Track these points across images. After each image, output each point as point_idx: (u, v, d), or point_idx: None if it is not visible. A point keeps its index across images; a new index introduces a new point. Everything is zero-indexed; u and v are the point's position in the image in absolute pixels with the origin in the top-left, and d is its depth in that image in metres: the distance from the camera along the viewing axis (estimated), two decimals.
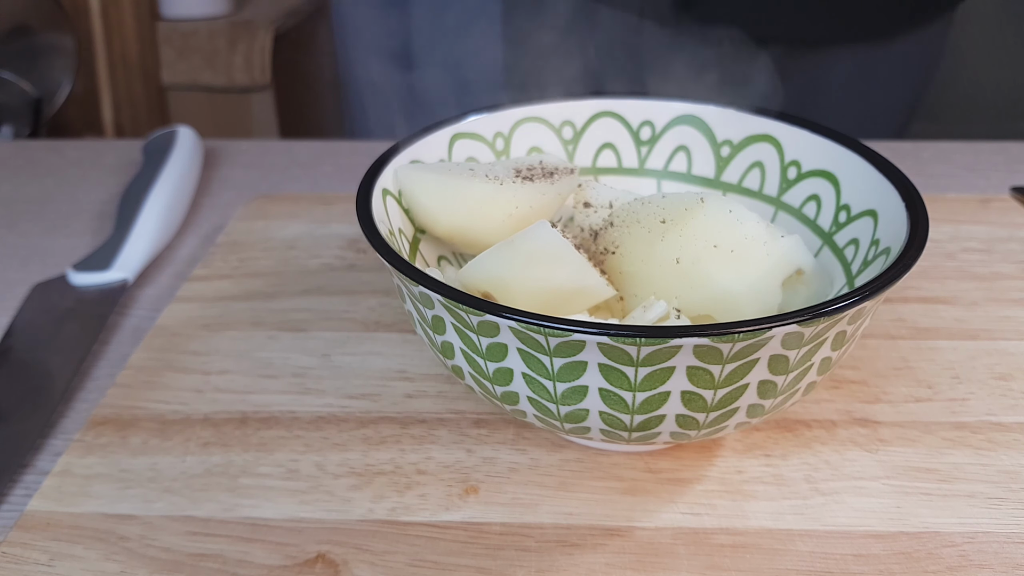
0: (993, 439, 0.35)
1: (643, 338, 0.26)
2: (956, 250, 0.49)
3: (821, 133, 0.38)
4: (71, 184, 0.61)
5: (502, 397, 0.31)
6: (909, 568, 0.30)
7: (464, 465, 0.34)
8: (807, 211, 0.39)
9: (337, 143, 0.67)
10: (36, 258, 0.52)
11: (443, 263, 0.39)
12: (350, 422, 0.37)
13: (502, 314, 0.27)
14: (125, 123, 1.29)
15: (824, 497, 0.33)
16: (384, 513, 0.32)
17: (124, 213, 0.51)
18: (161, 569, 0.30)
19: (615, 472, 0.34)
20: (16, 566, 0.30)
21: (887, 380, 0.39)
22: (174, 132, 0.59)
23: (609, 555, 0.30)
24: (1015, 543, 0.31)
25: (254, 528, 0.32)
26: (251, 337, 0.42)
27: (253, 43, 1.32)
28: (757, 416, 0.30)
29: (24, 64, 1.04)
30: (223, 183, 0.61)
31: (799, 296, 0.35)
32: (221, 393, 0.38)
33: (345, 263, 0.48)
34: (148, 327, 0.44)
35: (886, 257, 0.32)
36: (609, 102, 0.43)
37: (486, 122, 0.41)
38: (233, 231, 0.52)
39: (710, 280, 0.33)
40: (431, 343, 0.32)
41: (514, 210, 0.36)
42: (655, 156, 0.43)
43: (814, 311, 0.27)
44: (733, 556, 0.30)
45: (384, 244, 0.31)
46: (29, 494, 0.34)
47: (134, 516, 0.32)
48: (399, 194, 0.37)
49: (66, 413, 0.39)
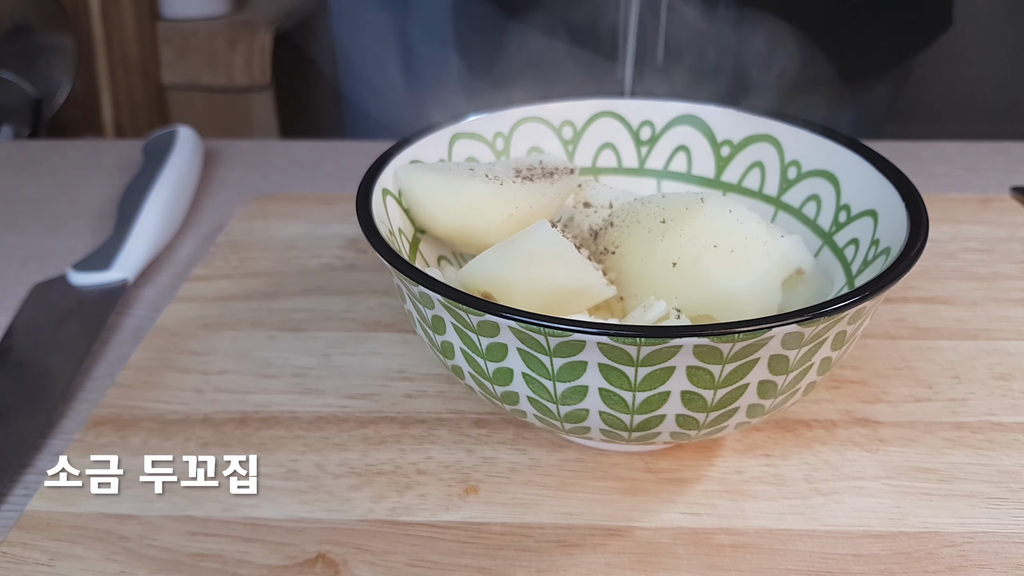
0: (993, 439, 0.35)
1: (643, 338, 0.26)
2: (956, 250, 0.49)
3: (821, 133, 0.38)
4: (71, 184, 0.61)
5: (502, 397, 0.31)
6: (909, 568, 0.30)
7: (464, 465, 0.34)
8: (807, 211, 0.39)
9: (337, 143, 0.67)
10: (36, 258, 0.52)
11: (443, 263, 0.39)
12: (350, 422, 0.37)
13: (502, 314, 0.27)
14: (125, 123, 1.29)
15: (824, 497, 0.33)
16: (384, 513, 0.32)
17: (124, 213, 0.51)
18: (161, 569, 0.30)
19: (615, 472, 0.34)
20: (16, 566, 0.30)
21: (887, 380, 0.39)
22: (174, 132, 0.59)
23: (609, 555, 0.30)
24: (1015, 543, 0.31)
25: (254, 528, 0.32)
26: (251, 337, 0.42)
27: (253, 43, 1.32)
28: (757, 416, 0.30)
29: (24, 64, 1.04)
30: (223, 183, 0.61)
31: (799, 296, 0.35)
32: (221, 393, 0.38)
33: (345, 263, 0.48)
34: (148, 327, 0.44)
35: (886, 257, 0.32)
36: (609, 102, 0.43)
37: (486, 122, 0.41)
38: (233, 231, 0.52)
39: (710, 280, 0.33)
40: (431, 343, 0.32)
41: (514, 210, 0.36)
42: (655, 156, 0.43)
43: (814, 311, 0.27)
44: (733, 556, 0.30)
45: (384, 244, 0.31)
46: (29, 494, 0.34)
47: (134, 516, 0.32)
48: (399, 194, 0.37)
49: (66, 413, 0.39)
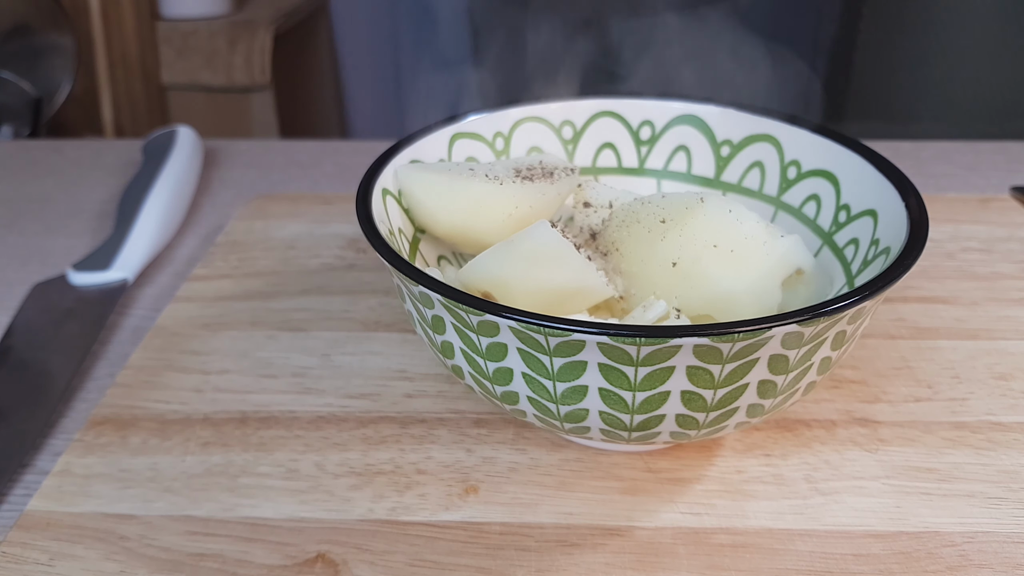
0: (993, 439, 0.35)
1: (643, 338, 0.26)
2: (956, 250, 0.49)
3: (821, 133, 0.38)
4: (71, 184, 0.61)
5: (502, 397, 0.31)
6: (909, 568, 0.30)
7: (464, 465, 0.34)
8: (807, 211, 0.39)
9: (337, 143, 0.67)
10: (36, 258, 0.52)
11: (443, 263, 0.39)
12: (350, 422, 0.37)
13: (502, 314, 0.27)
14: (125, 123, 1.29)
15: (824, 497, 0.33)
16: (384, 513, 0.32)
17: (124, 213, 0.51)
18: (161, 569, 0.30)
19: (615, 472, 0.34)
20: (16, 566, 0.30)
21: (887, 380, 0.39)
22: (174, 132, 0.59)
23: (609, 555, 0.30)
24: (1015, 543, 0.31)
25: (254, 528, 0.32)
26: (251, 337, 0.42)
27: (253, 43, 1.32)
28: (757, 416, 0.30)
29: (24, 64, 1.04)
30: (223, 183, 0.61)
31: (799, 296, 0.35)
32: (221, 393, 0.38)
33: (345, 263, 0.48)
34: (148, 327, 0.44)
35: (886, 257, 0.32)
36: (609, 102, 0.43)
37: (486, 122, 0.41)
38: (233, 231, 0.52)
39: (710, 280, 0.33)
40: (431, 343, 0.32)
41: (514, 210, 0.36)
42: (655, 156, 0.43)
43: (814, 311, 0.27)
44: (733, 556, 0.30)
45: (384, 244, 0.31)
46: (29, 494, 0.34)
47: (134, 516, 0.32)
48: (399, 194, 0.37)
49: (66, 413, 0.39)
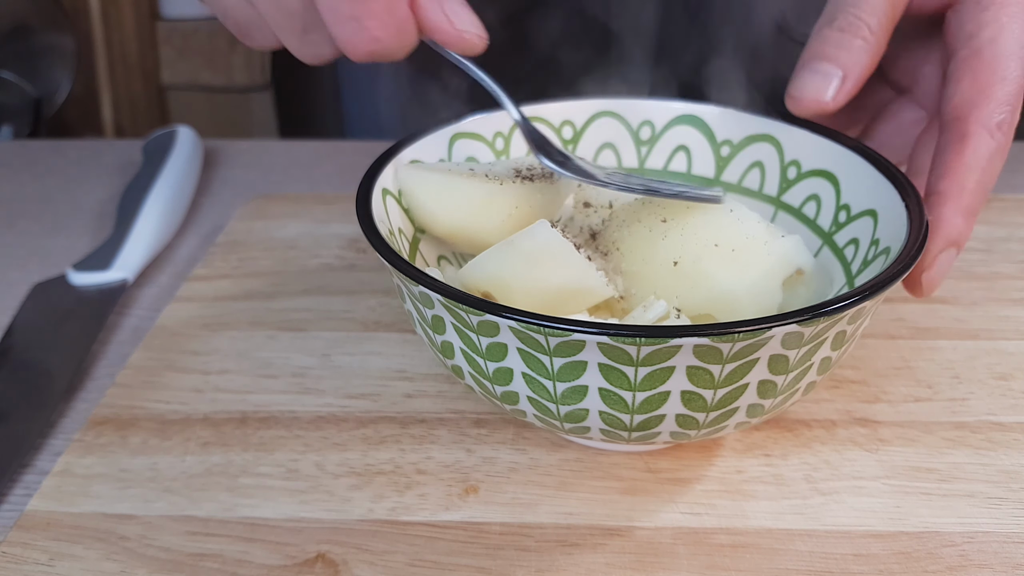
0: (993, 439, 0.35)
1: (643, 338, 0.26)
2: None
3: (821, 133, 0.38)
4: (71, 184, 0.61)
5: (502, 397, 0.31)
6: (909, 568, 0.30)
7: (464, 465, 0.34)
8: (807, 211, 0.39)
9: (337, 143, 0.67)
10: (36, 258, 0.52)
11: (443, 263, 0.39)
12: (350, 422, 0.37)
13: (502, 314, 0.27)
14: (125, 123, 1.29)
15: (824, 497, 0.33)
16: (384, 513, 0.32)
17: (124, 213, 0.51)
18: (161, 569, 0.30)
19: (615, 472, 0.34)
20: (16, 566, 0.30)
21: (887, 380, 0.39)
22: (174, 132, 0.59)
23: (609, 555, 0.30)
24: (1015, 543, 0.31)
25: (254, 528, 0.32)
26: (251, 337, 0.42)
27: None
28: (757, 416, 0.30)
29: (24, 64, 1.05)
30: (223, 183, 0.61)
31: (799, 296, 0.35)
32: (221, 393, 0.38)
33: (345, 263, 0.48)
34: (148, 327, 0.44)
35: (886, 257, 0.32)
36: (609, 102, 0.43)
37: (486, 122, 0.41)
38: (233, 231, 0.52)
39: (710, 280, 0.33)
40: (431, 343, 0.32)
41: (514, 210, 0.36)
42: (655, 156, 0.43)
43: (814, 311, 0.27)
44: (733, 556, 0.30)
45: (384, 244, 0.31)
46: (29, 494, 0.34)
47: (134, 516, 0.32)
48: (399, 194, 0.37)
49: (66, 413, 0.39)
